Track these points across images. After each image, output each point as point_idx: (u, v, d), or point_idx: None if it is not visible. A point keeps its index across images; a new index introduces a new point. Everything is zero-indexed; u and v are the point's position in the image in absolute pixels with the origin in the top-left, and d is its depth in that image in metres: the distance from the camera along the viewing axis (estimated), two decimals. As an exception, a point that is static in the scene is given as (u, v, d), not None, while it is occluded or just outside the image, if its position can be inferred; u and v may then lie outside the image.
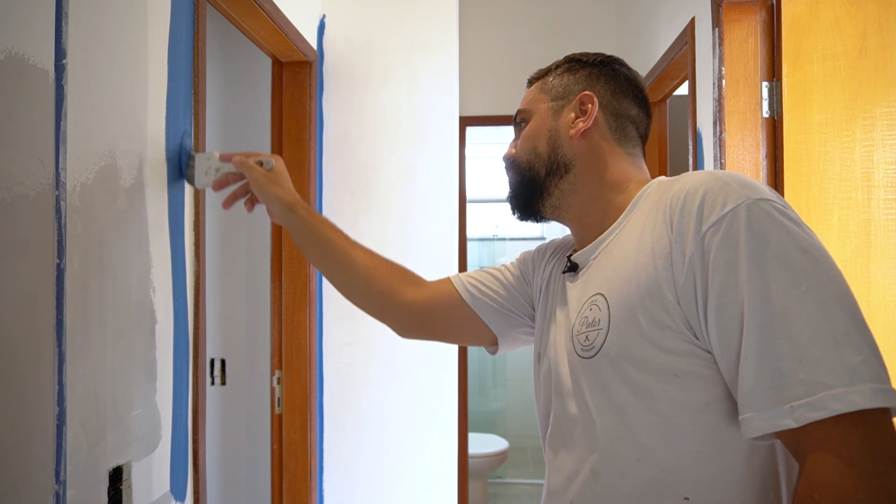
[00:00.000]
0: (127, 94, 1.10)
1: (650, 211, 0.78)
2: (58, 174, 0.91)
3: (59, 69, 0.92)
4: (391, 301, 1.09)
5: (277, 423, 2.13)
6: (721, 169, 1.66)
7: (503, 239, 4.73)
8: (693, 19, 1.89)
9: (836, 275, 0.65)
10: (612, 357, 0.75)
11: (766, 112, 1.50)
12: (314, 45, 2.19)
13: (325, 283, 2.23)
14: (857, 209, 1.41)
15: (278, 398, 2.12)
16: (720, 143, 1.66)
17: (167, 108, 1.24)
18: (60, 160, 0.92)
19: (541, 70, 0.96)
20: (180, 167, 1.28)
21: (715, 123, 1.69)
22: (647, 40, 2.46)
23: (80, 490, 0.96)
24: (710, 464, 0.71)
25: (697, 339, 0.70)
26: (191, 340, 1.34)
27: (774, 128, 1.50)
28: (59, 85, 0.92)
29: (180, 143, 1.28)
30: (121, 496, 1.06)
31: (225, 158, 1.21)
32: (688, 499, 0.71)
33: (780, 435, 0.64)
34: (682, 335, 0.70)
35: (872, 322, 1.39)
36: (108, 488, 1.03)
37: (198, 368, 1.35)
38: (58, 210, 0.91)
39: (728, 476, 0.71)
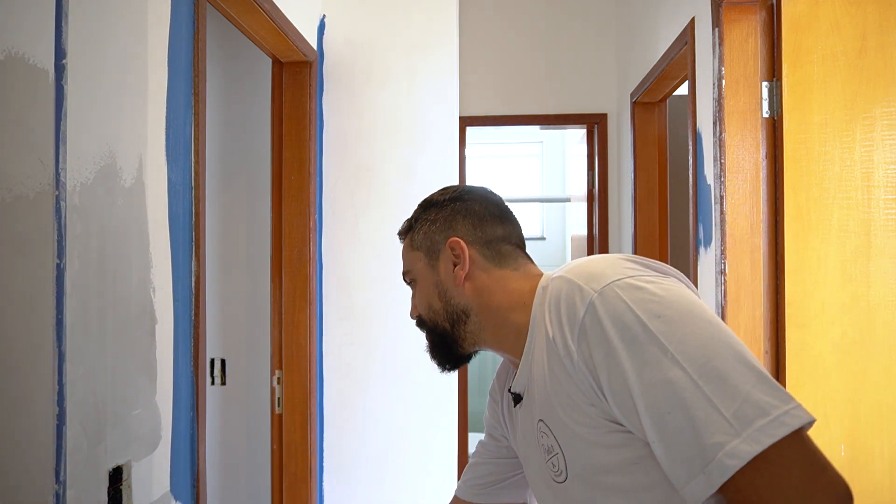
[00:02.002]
0: (127, 94, 1.10)
1: (542, 325, 0.80)
2: (58, 174, 0.91)
3: (59, 69, 0.92)
4: None
5: (277, 423, 2.13)
6: (721, 168, 1.66)
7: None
8: (693, 19, 1.89)
9: (696, 324, 0.67)
10: (580, 474, 0.78)
11: (766, 112, 1.50)
12: (314, 45, 2.19)
13: (325, 282, 2.23)
14: (857, 209, 1.41)
15: (278, 398, 2.12)
16: (720, 144, 1.66)
17: (167, 108, 1.24)
18: (60, 160, 0.92)
19: (405, 224, 0.98)
20: None
21: (715, 123, 1.69)
22: (647, 40, 2.46)
23: (80, 490, 0.96)
24: None
25: (626, 425, 0.71)
26: (191, 340, 1.34)
27: (774, 128, 1.50)
28: (59, 85, 0.92)
29: None
30: (121, 496, 1.06)
31: None
32: None
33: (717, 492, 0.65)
34: (614, 428, 0.72)
35: (872, 322, 1.39)
36: (108, 488, 1.03)
37: (198, 368, 1.35)
38: (58, 210, 0.91)
39: None
